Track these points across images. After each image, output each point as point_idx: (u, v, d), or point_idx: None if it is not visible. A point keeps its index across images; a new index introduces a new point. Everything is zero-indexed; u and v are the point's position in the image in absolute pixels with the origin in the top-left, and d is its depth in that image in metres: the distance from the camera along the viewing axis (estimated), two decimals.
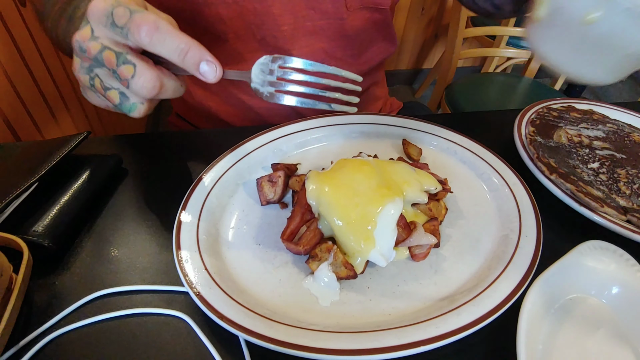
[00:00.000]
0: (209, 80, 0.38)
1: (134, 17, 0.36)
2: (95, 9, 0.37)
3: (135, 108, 0.40)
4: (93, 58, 0.39)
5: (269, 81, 0.41)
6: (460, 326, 0.36)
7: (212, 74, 0.38)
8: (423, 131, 0.62)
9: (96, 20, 0.37)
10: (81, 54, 0.39)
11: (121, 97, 0.40)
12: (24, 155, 0.53)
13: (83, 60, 0.40)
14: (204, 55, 0.38)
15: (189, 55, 0.37)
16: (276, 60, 0.41)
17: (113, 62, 0.38)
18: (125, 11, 0.36)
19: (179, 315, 0.40)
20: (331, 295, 0.41)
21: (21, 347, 0.37)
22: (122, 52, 0.38)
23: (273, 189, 0.51)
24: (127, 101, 0.40)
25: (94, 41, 0.38)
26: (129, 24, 0.36)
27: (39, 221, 0.44)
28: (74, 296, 0.41)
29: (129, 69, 0.37)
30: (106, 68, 0.39)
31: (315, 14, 0.67)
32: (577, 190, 0.50)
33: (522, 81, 1.54)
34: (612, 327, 0.41)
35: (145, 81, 0.38)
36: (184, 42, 0.37)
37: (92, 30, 0.38)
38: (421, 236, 0.43)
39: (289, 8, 0.65)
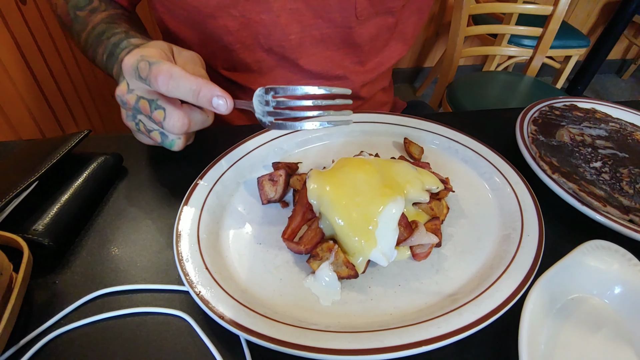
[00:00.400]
0: (222, 112, 0.43)
1: (152, 68, 0.41)
2: (126, 66, 0.44)
3: (175, 143, 0.47)
4: (133, 108, 0.46)
5: (267, 111, 0.45)
6: (462, 326, 0.36)
7: (223, 107, 0.43)
8: (425, 130, 0.62)
9: (128, 75, 0.44)
10: (123, 106, 0.47)
11: (162, 136, 0.47)
12: (24, 154, 0.52)
13: (126, 110, 0.47)
14: (214, 92, 0.42)
15: (201, 94, 0.42)
16: (269, 92, 0.45)
17: (147, 109, 0.45)
18: (146, 64, 0.42)
19: (180, 315, 0.40)
20: (332, 295, 0.41)
21: (21, 346, 0.37)
22: (154, 99, 0.44)
23: (274, 187, 0.51)
24: (166, 139, 0.47)
25: (130, 94, 0.45)
26: (149, 75, 0.42)
27: (39, 220, 0.44)
28: (75, 295, 0.41)
29: (160, 113, 0.44)
30: (144, 115, 0.46)
31: (323, 22, 0.67)
32: (579, 190, 0.50)
33: (524, 80, 1.53)
34: (614, 327, 0.40)
35: (175, 121, 0.44)
36: (195, 84, 0.41)
37: (128, 84, 0.45)
38: (422, 235, 0.43)
39: (296, 17, 0.65)
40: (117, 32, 0.61)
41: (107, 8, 0.67)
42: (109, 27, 0.62)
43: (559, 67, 2.06)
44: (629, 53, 3.07)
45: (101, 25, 0.63)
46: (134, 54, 0.44)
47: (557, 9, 1.38)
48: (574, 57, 2.02)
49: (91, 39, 0.63)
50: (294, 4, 0.64)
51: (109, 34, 0.61)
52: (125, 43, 0.58)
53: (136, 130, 0.49)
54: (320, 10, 0.66)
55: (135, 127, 0.49)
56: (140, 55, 0.43)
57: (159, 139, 0.47)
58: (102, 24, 0.64)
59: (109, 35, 0.60)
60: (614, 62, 3.09)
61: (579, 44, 2.06)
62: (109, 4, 0.68)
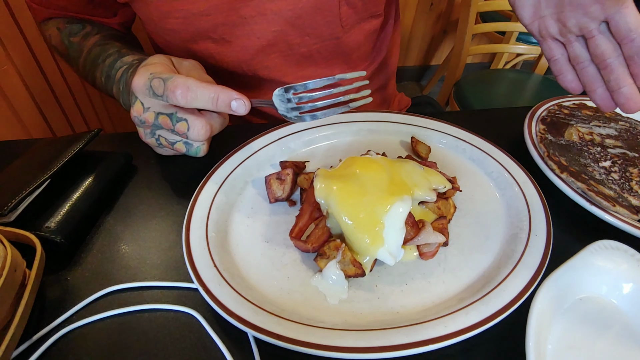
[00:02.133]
0: (241, 113, 0.45)
1: (167, 84, 0.43)
2: (137, 86, 0.46)
3: (200, 150, 0.49)
4: (152, 125, 0.48)
5: (290, 107, 0.47)
6: (468, 325, 0.36)
7: (242, 108, 0.45)
8: (432, 129, 0.61)
9: (141, 94, 0.46)
10: (142, 125, 0.49)
11: (186, 146, 0.49)
12: (36, 152, 0.53)
13: (145, 129, 0.49)
14: (232, 96, 0.44)
15: (220, 100, 0.44)
16: (288, 91, 0.46)
17: (169, 124, 0.47)
18: (160, 82, 0.44)
19: (189, 312, 0.40)
20: (339, 294, 0.41)
21: (35, 341, 0.38)
22: (173, 112, 0.46)
23: (281, 186, 0.51)
24: (191, 147, 0.49)
25: (147, 112, 0.47)
26: (166, 91, 0.43)
27: (51, 217, 0.45)
28: (86, 292, 0.42)
29: (184, 125, 0.46)
30: (165, 129, 0.48)
31: (310, 39, 0.66)
32: (588, 189, 0.50)
33: (532, 78, 1.52)
34: (622, 327, 0.40)
35: (199, 129, 0.46)
36: (213, 91, 0.43)
37: (142, 103, 0.47)
38: (429, 235, 0.43)
39: (281, 38, 0.64)
40: (110, 53, 0.62)
41: (100, 31, 0.67)
42: (102, 49, 0.63)
43: None
44: None
45: (95, 49, 0.64)
46: (141, 73, 0.46)
47: None
48: None
49: (88, 64, 0.64)
50: (278, 26, 0.62)
51: (104, 57, 0.62)
52: (119, 63, 0.59)
53: (157, 146, 0.51)
54: (307, 28, 0.64)
55: (156, 143, 0.50)
56: (150, 73, 0.45)
57: (184, 149, 0.49)
58: (95, 47, 0.64)
59: (104, 58, 0.61)
60: None
61: None
62: (102, 28, 0.68)
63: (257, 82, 0.70)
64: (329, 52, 0.69)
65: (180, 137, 0.48)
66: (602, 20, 0.41)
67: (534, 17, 0.46)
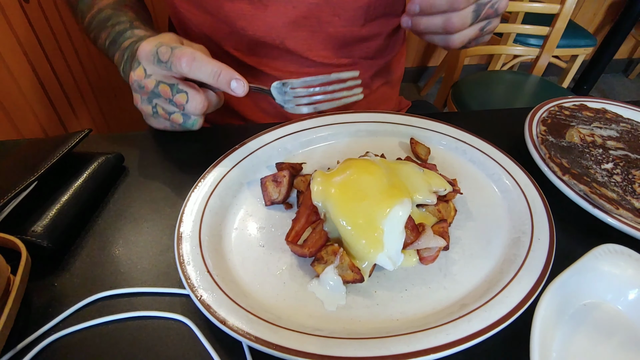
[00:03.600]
0: (239, 94, 0.47)
1: (175, 52, 0.46)
2: (143, 52, 0.48)
3: (197, 122, 0.52)
4: (150, 92, 0.49)
5: (287, 99, 0.51)
6: (471, 333, 0.35)
7: (240, 89, 0.47)
8: (431, 130, 0.60)
9: (145, 59, 0.48)
10: (140, 90, 0.50)
11: (184, 117, 0.51)
12: (24, 153, 0.52)
13: (142, 95, 0.50)
14: (233, 75, 0.47)
15: (221, 76, 0.46)
16: (286, 85, 0.50)
17: (169, 93, 0.48)
18: (167, 49, 0.46)
19: (181, 319, 0.39)
20: (337, 300, 0.40)
21: (19, 350, 0.36)
22: (174, 83, 0.48)
23: (277, 189, 0.49)
24: (188, 120, 0.51)
25: (148, 79, 0.48)
26: (172, 58, 0.46)
27: (38, 221, 0.43)
28: (74, 298, 0.40)
29: (183, 96, 0.48)
30: (163, 98, 0.49)
31: (339, 21, 0.70)
32: (590, 192, 0.49)
33: (530, 79, 1.52)
34: (628, 334, 0.39)
35: (197, 103, 0.48)
36: (217, 66, 0.46)
37: (145, 70, 0.48)
38: (430, 239, 0.42)
39: (314, 13, 0.67)
40: (122, 20, 0.63)
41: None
42: (114, 14, 0.64)
43: (565, 66, 2.04)
44: (635, 52, 3.03)
45: (107, 11, 0.64)
46: (150, 41, 0.47)
47: (564, 8, 1.36)
48: (580, 57, 2.00)
49: (95, 23, 0.65)
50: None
51: (114, 22, 0.63)
52: (129, 33, 0.60)
53: (151, 115, 0.52)
54: (338, 9, 0.68)
55: (151, 111, 0.51)
56: (159, 41, 0.47)
57: (181, 120, 0.50)
58: (107, 9, 0.65)
59: (114, 23, 0.62)
60: (620, 62, 3.06)
61: (585, 43, 2.03)
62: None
63: (279, 53, 0.72)
64: (350, 39, 0.73)
65: (176, 108, 0.49)
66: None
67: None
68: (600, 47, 2.25)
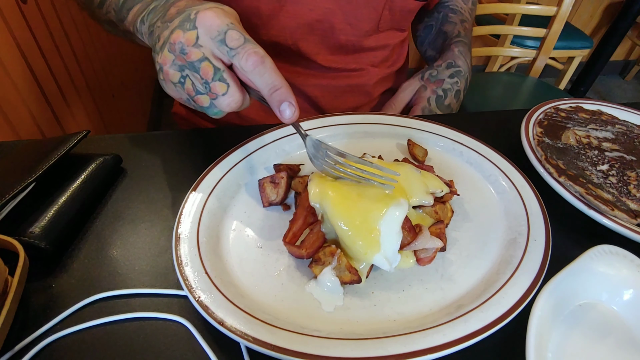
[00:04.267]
0: (284, 119, 0.42)
1: (247, 45, 0.41)
2: (209, 22, 0.41)
3: (220, 114, 0.45)
4: (190, 62, 0.42)
5: (318, 156, 0.46)
6: (468, 333, 0.35)
7: (288, 114, 0.42)
8: (429, 132, 0.61)
9: (206, 31, 0.41)
10: (180, 55, 0.42)
11: (210, 104, 0.44)
12: (21, 154, 0.52)
13: (177, 59, 0.43)
14: (289, 98, 0.41)
15: (277, 93, 0.41)
16: (321, 146, 0.45)
17: (209, 75, 0.42)
18: (240, 37, 0.41)
19: (178, 320, 0.39)
20: (335, 301, 0.40)
21: (17, 352, 0.36)
22: (220, 68, 0.42)
23: (275, 190, 0.50)
24: (214, 108, 0.45)
25: (196, 49, 0.42)
26: (240, 49, 0.41)
27: (36, 222, 0.43)
28: (71, 299, 0.40)
29: (223, 87, 0.42)
30: (200, 76, 0.42)
31: (351, 29, 0.72)
32: (586, 193, 0.49)
33: (527, 81, 1.52)
34: (623, 334, 0.39)
35: (232, 101, 0.43)
36: (278, 81, 0.41)
37: (198, 37, 0.42)
38: (427, 240, 0.42)
39: (328, 18, 0.68)
40: None
41: None
42: None
43: (561, 68, 2.05)
44: (632, 54, 3.05)
45: None
46: (218, 14, 0.42)
47: (561, 10, 1.37)
48: (577, 58, 2.01)
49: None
50: (330, 4, 0.67)
51: None
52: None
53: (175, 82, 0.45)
54: (351, 17, 0.70)
55: (177, 79, 0.44)
56: (229, 20, 0.42)
57: (206, 104, 0.44)
58: None
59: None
60: (617, 63, 3.07)
61: (582, 44, 2.04)
62: None
63: (286, 55, 0.73)
64: (359, 47, 0.75)
65: (207, 92, 0.44)
66: None
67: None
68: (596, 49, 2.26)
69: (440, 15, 0.87)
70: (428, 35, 0.89)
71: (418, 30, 0.93)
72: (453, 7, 0.88)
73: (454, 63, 0.76)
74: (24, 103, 1.10)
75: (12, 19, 1.03)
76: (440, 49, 0.83)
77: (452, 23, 0.85)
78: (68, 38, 1.23)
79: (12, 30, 1.03)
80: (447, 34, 0.84)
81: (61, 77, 1.23)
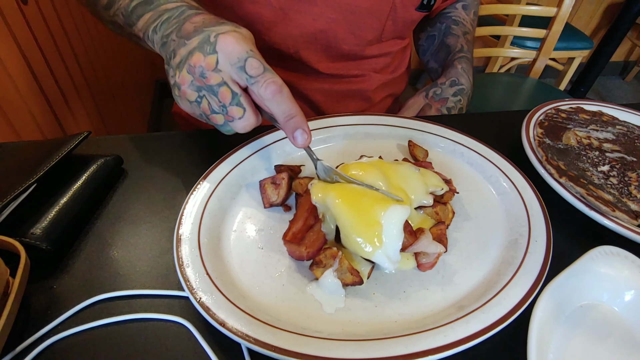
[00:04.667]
0: (297, 145, 0.44)
1: (266, 74, 0.42)
2: (230, 48, 0.42)
3: (232, 132, 0.47)
4: (209, 86, 0.44)
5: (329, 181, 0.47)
6: (469, 334, 0.35)
7: (301, 141, 0.44)
8: (429, 132, 0.61)
9: (226, 56, 0.42)
10: (199, 77, 0.44)
11: (225, 123, 0.46)
12: (22, 155, 0.52)
13: (196, 81, 0.44)
14: (303, 125, 0.44)
15: (292, 121, 0.43)
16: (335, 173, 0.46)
17: (227, 99, 0.44)
18: (260, 65, 0.42)
19: (180, 321, 0.39)
20: (336, 302, 0.40)
21: (18, 353, 0.36)
22: (237, 93, 0.44)
23: (276, 191, 0.50)
24: (227, 127, 0.47)
25: (216, 73, 0.43)
26: (260, 78, 0.42)
27: (37, 223, 0.43)
28: (73, 300, 0.40)
29: (239, 111, 0.44)
30: (217, 99, 0.44)
31: (354, 39, 0.72)
32: (587, 194, 0.49)
33: (527, 81, 1.52)
34: (624, 335, 0.39)
35: (248, 125, 0.45)
36: (294, 110, 0.43)
37: (218, 62, 0.43)
38: (428, 243, 0.42)
39: (332, 27, 0.70)
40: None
41: None
42: None
43: (561, 68, 2.05)
44: (632, 55, 3.05)
45: None
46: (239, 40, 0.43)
47: (561, 11, 1.37)
48: (577, 59, 2.01)
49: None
50: (334, 14, 0.68)
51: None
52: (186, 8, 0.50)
53: (191, 101, 0.46)
54: (355, 27, 0.70)
55: (193, 98, 0.45)
56: (249, 48, 0.43)
57: (220, 122, 0.46)
58: None
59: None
60: (617, 64, 3.07)
61: (582, 45, 2.04)
62: None
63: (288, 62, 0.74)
64: (361, 55, 0.77)
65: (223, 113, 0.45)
66: None
67: None
68: (596, 50, 2.26)
69: (443, 26, 0.88)
70: (430, 47, 0.90)
71: (420, 40, 0.93)
72: (455, 18, 0.88)
73: (457, 81, 0.77)
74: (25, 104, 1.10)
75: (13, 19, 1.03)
76: (443, 62, 0.84)
77: (454, 36, 0.86)
78: (69, 39, 1.23)
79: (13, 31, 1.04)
80: (449, 48, 0.84)
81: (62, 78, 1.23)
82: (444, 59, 0.85)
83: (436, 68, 0.87)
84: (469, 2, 0.90)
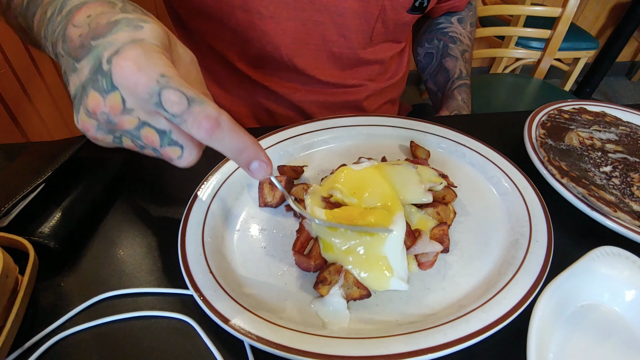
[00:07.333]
0: (256, 178, 0.36)
1: (193, 109, 0.30)
2: (131, 81, 0.30)
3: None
4: (125, 131, 0.33)
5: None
6: (469, 333, 0.35)
7: (261, 173, 0.35)
8: (431, 133, 0.61)
9: (131, 92, 0.31)
10: (107, 125, 0.33)
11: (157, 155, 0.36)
12: (30, 157, 0.53)
13: (103, 125, 0.34)
14: (258, 156, 0.35)
15: (244, 155, 0.34)
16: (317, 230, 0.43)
17: (156, 143, 0.33)
18: (182, 99, 0.30)
19: (184, 319, 0.39)
20: (340, 322, 0.39)
21: (27, 349, 0.37)
22: (165, 130, 0.33)
23: (272, 193, 0.50)
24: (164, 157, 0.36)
25: (128, 115, 0.32)
26: (186, 115, 0.30)
27: (45, 222, 0.44)
28: (80, 298, 0.41)
29: (176, 151, 0.34)
30: (142, 142, 0.34)
31: (345, 42, 0.72)
32: (589, 195, 0.49)
33: (532, 82, 1.52)
34: (625, 335, 0.40)
35: (192, 161, 0.35)
36: (242, 142, 0.33)
37: (124, 101, 0.31)
38: (426, 244, 0.42)
39: (320, 31, 0.69)
40: None
41: None
42: None
43: (567, 69, 2.04)
44: (638, 55, 3.03)
45: None
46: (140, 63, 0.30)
47: (566, 11, 1.36)
48: (582, 59, 2.00)
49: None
50: (321, 17, 0.68)
51: None
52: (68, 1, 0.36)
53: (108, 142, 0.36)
54: (344, 30, 0.70)
55: (111, 140, 0.36)
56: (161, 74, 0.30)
57: (154, 155, 0.36)
58: None
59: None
60: (623, 65, 3.05)
61: (587, 45, 2.04)
62: None
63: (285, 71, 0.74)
64: (355, 60, 0.76)
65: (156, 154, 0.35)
66: None
67: None
68: (602, 50, 2.25)
69: (441, 44, 0.87)
70: (429, 66, 0.90)
71: (419, 55, 0.93)
72: (452, 34, 0.87)
73: (459, 114, 0.78)
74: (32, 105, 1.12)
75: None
76: (442, 87, 0.84)
77: (452, 58, 0.85)
78: None
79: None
80: (448, 73, 0.84)
81: None
82: (442, 84, 0.85)
83: (435, 91, 0.88)
84: (464, 15, 0.90)
